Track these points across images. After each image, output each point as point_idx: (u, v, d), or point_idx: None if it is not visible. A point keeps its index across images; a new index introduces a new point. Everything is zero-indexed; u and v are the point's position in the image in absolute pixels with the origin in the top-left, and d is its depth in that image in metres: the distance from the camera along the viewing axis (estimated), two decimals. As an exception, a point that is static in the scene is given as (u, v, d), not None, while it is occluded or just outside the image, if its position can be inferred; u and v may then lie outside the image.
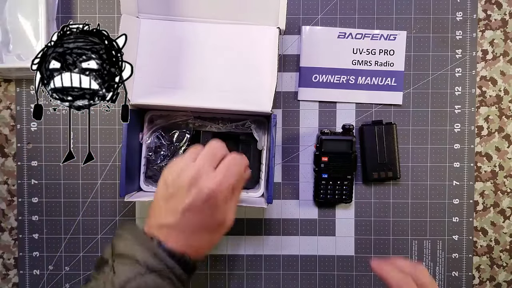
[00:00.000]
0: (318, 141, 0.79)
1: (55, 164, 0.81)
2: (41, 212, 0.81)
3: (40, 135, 0.81)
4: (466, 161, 0.82)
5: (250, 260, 0.83)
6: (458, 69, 0.82)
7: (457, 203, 0.82)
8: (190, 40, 0.74)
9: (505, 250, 0.84)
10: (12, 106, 0.82)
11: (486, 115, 0.83)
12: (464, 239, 0.83)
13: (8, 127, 0.82)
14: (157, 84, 0.73)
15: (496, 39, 0.83)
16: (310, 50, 0.82)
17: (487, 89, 0.83)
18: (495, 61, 0.83)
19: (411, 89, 0.82)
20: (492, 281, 0.84)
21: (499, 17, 0.83)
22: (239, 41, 0.75)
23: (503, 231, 0.84)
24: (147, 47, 0.73)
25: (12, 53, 0.78)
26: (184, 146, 0.75)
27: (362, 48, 0.82)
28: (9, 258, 0.83)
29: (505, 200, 0.83)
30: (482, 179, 0.83)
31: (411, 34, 0.82)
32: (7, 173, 0.82)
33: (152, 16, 0.74)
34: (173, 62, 0.74)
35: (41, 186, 0.81)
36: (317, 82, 0.82)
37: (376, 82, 0.82)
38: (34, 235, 0.82)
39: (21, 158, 0.81)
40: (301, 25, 0.82)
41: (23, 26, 0.77)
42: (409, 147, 0.82)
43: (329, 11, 0.82)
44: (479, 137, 0.83)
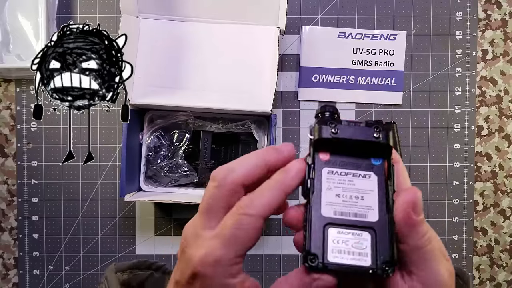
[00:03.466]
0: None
1: (55, 164, 0.81)
2: (41, 212, 0.81)
3: (40, 135, 0.81)
4: (466, 161, 0.82)
5: (250, 260, 0.83)
6: (458, 69, 0.82)
7: (457, 203, 0.82)
8: (190, 40, 0.74)
9: (505, 250, 0.84)
10: (12, 106, 0.82)
11: (486, 115, 0.83)
12: (464, 239, 0.83)
13: (8, 127, 0.82)
14: (157, 84, 0.73)
15: (496, 39, 0.83)
16: (310, 50, 0.82)
17: (487, 89, 0.83)
18: (495, 61, 0.83)
19: (411, 89, 0.82)
20: (492, 281, 0.84)
21: (499, 17, 0.83)
22: (239, 41, 0.75)
23: (503, 231, 0.84)
24: (147, 47, 0.73)
25: (12, 53, 0.78)
26: (184, 146, 0.75)
27: (362, 48, 0.82)
28: (9, 258, 0.83)
29: (505, 200, 0.83)
30: (482, 179, 0.83)
31: (411, 34, 0.82)
32: (7, 173, 0.82)
33: (152, 16, 0.74)
34: (173, 62, 0.74)
35: (41, 186, 0.81)
36: (317, 82, 0.82)
37: (376, 82, 0.82)
38: (34, 235, 0.82)
39: (21, 158, 0.81)
40: (301, 25, 0.82)
41: (23, 26, 0.77)
42: (409, 147, 0.82)
43: (329, 11, 0.82)
44: (479, 137, 0.83)
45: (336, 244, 0.34)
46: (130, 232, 0.82)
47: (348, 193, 0.37)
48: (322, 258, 0.34)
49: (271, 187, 0.36)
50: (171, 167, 0.75)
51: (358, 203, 0.36)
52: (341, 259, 0.34)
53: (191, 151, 0.77)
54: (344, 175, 0.37)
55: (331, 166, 0.37)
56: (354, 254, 0.34)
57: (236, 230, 0.34)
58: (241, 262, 0.35)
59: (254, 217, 0.34)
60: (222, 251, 0.34)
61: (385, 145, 0.38)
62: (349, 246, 0.34)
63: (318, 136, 0.37)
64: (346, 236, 0.35)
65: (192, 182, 0.75)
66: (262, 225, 0.35)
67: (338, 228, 0.35)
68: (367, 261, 0.34)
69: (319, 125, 0.37)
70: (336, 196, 0.36)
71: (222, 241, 0.34)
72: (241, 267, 0.35)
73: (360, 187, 0.37)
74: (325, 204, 0.36)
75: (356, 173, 0.37)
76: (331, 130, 0.37)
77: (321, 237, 0.35)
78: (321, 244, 0.34)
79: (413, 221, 0.34)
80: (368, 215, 0.36)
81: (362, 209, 0.36)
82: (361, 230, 0.35)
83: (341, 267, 0.33)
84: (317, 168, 0.37)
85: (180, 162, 0.75)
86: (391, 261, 0.34)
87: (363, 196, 0.36)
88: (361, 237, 0.35)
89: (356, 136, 0.37)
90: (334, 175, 0.37)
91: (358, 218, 0.35)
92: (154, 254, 0.82)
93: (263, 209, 0.34)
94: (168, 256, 0.82)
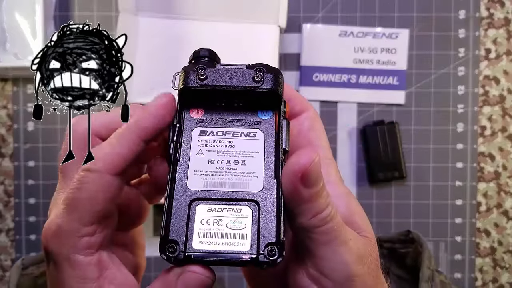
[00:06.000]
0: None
1: (53, 164, 0.80)
2: (39, 213, 0.81)
3: (38, 135, 0.80)
4: (469, 161, 0.82)
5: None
6: (461, 68, 0.81)
7: (460, 204, 0.82)
8: (189, 38, 0.74)
9: (508, 252, 0.83)
10: (9, 106, 0.81)
11: (489, 115, 0.82)
12: (467, 241, 0.82)
13: (5, 127, 0.81)
14: (156, 83, 0.72)
15: (499, 37, 0.82)
16: (311, 49, 0.81)
17: (490, 88, 0.82)
18: (498, 60, 0.82)
19: (413, 88, 0.81)
20: (495, 282, 0.83)
21: (502, 15, 0.82)
22: (239, 40, 0.74)
23: (506, 232, 0.83)
24: (146, 46, 0.73)
25: (9, 52, 0.77)
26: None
27: (364, 46, 0.81)
28: (6, 260, 0.82)
29: (508, 201, 0.83)
30: (485, 180, 0.83)
31: (413, 33, 0.81)
32: (4, 174, 0.81)
33: (150, 14, 0.73)
34: (172, 61, 0.73)
35: (38, 186, 0.81)
36: (318, 81, 0.81)
37: (378, 81, 0.81)
38: (31, 236, 0.81)
39: (18, 158, 0.81)
40: (302, 23, 0.81)
41: (20, 24, 0.77)
42: (411, 147, 0.81)
43: (330, 9, 0.81)
44: (482, 137, 0.82)
45: (205, 226, 0.26)
46: (129, 233, 0.81)
47: (225, 158, 0.29)
48: (185, 246, 0.26)
49: (120, 134, 0.28)
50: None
51: (238, 170, 0.28)
52: (210, 245, 0.26)
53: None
54: (222, 135, 0.29)
55: (205, 125, 0.30)
56: (228, 237, 0.26)
57: (76, 191, 0.26)
58: (94, 234, 0.27)
59: (98, 173, 0.27)
60: (62, 219, 0.26)
61: (270, 92, 0.29)
62: (223, 226, 0.26)
63: (183, 85, 0.29)
64: (219, 214, 0.27)
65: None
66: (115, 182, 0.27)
67: (209, 204, 0.27)
68: (245, 245, 0.26)
69: (185, 71, 0.30)
70: (210, 163, 0.28)
71: (65, 206, 0.27)
72: (99, 242, 0.27)
73: (241, 149, 0.29)
74: (194, 174, 0.28)
75: (237, 131, 0.29)
76: (199, 76, 0.29)
77: (184, 218, 0.26)
78: (184, 227, 0.26)
79: (301, 195, 0.26)
80: (250, 185, 0.28)
81: (243, 177, 0.28)
82: (239, 205, 0.27)
83: (210, 256, 0.26)
84: (186, 128, 0.29)
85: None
86: (277, 243, 0.26)
87: (244, 160, 0.28)
88: (239, 214, 0.27)
89: (230, 82, 0.29)
90: (208, 135, 0.29)
91: (237, 189, 0.27)
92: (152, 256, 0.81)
93: (110, 162, 0.27)
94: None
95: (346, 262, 0.27)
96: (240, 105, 0.30)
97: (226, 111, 0.30)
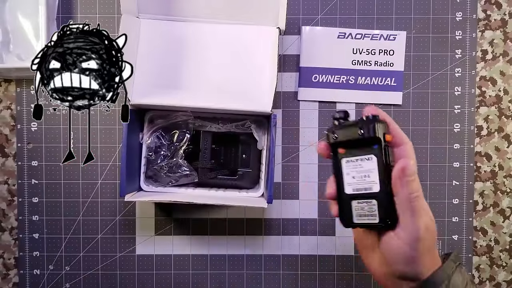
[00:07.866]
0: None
1: (55, 164, 0.81)
2: (42, 212, 0.81)
3: (40, 135, 0.81)
4: (465, 161, 0.82)
5: (250, 260, 0.83)
6: (458, 69, 0.82)
7: (457, 203, 0.82)
8: (190, 40, 0.75)
9: (505, 250, 0.84)
10: (13, 106, 0.82)
11: (485, 115, 0.83)
12: (464, 239, 0.83)
13: (9, 127, 0.82)
14: (157, 84, 0.73)
15: (495, 39, 0.83)
16: (310, 50, 0.82)
17: (487, 89, 0.83)
18: (494, 61, 0.83)
19: (411, 89, 0.82)
20: (491, 280, 0.84)
21: (499, 17, 0.83)
22: (239, 41, 0.75)
23: (503, 231, 0.84)
24: (147, 47, 0.73)
25: (12, 53, 0.78)
26: (184, 146, 0.75)
27: (362, 48, 0.82)
28: (9, 258, 0.83)
29: (504, 200, 0.83)
30: (482, 179, 0.83)
31: (411, 34, 0.82)
32: (7, 173, 0.82)
33: (152, 16, 0.74)
34: (173, 62, 0.74)
35: (42, 186, 0.81)
36: (317, 82, 0.82)
37: (376, 82, 0.82)
38: (34, 235, 0.82)
39: (22, 158, 0.81)
40: (301, 25, 0.82)
41: (23, 26, 0.77)
42: (409, 147, 0.82)
43: (329, 11, 0.82)
44: (478, 137, 0.83)
45: (358, 211, 0.54)
46: (130, 232, 0.82)
47: (359, 174, 0.53)
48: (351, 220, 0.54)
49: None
50: (171, 167, 0.75)
51: (366, 180, 0.52)
52: (362, 219, 0.53)
53: (191, 151, 0.77)
54: (355, 161, 0.53)
55: (347, 156, 0.54)
56: (368, 216, 0.53)
57: None
58: None
59: None
60: None
61: (371, 138, 0.51)
62: (365, 211, 0.53)
63: (327, 142, 0.55)
64: (362, 205, 0.53)
65: (192, 182, 0.75)
66: None
67: (357, 200, 0.54)
68: (376, 219, 0.52)
69: (327, 133, 0.55)
70: (353, 178, 0.54)
71: None
72: None
73: (366, 168, 0.52)
74: (347, 185, 0.54)
75: (363, 157, 0.53)
76: (333, 136, 0.55)
77: (349, 208, 0.54)
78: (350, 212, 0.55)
79: (403, 179, 0.49)
80: (373, 188, 0.52)
81: (369, 184, 0.52)
82: (370, 199, 0.52)
83: (363, 225, 0.54)
84: (338, 160, 0.55)
85: (180, 162, 0.75)
86: (390, 217, 0.51)
87: (369, 174, 0.52)
88: (371, 204, 0.52)
89: (348, 137, 0.53)
90: (349, 162, 0.54)
91: (368, 191, 0.52)
92: (154, 254, 0.82)
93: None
94: (168, 256, 0.82)
95: (420, 228, 0.48)
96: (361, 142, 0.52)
97: (356, 147, 0.53)
